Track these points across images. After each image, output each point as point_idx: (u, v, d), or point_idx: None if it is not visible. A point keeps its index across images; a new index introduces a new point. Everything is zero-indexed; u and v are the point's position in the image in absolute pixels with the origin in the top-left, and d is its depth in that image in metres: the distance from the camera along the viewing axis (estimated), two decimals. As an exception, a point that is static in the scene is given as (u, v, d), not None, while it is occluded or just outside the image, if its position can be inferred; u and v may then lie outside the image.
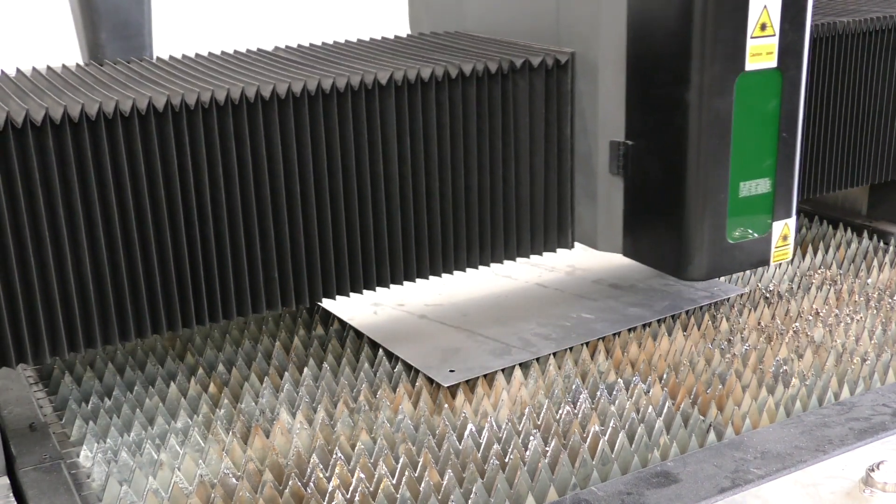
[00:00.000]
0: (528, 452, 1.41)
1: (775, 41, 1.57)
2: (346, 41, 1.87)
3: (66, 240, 1.40)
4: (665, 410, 1.53)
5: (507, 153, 1.70)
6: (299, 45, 1.85)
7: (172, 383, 1.63)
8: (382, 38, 1.89)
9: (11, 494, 1.35)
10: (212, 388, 1.64)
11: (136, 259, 1.46)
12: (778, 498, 1.26)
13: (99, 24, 3.95)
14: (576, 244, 1.84)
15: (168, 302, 1.50)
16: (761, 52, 1.56)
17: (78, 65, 1.72)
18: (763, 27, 1.55)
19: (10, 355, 1.40)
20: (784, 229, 1.70)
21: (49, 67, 1.66)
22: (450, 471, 1.35)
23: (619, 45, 1.64)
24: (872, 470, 1.26)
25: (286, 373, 1.67)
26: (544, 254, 1.81)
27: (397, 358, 1.72)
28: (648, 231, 1.70)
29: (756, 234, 1.67)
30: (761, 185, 1.65)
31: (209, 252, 1.52)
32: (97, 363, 1.72)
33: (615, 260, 2.16)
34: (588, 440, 1.44)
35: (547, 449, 1.42)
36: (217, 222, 1.51)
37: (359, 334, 1.82)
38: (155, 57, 1.78)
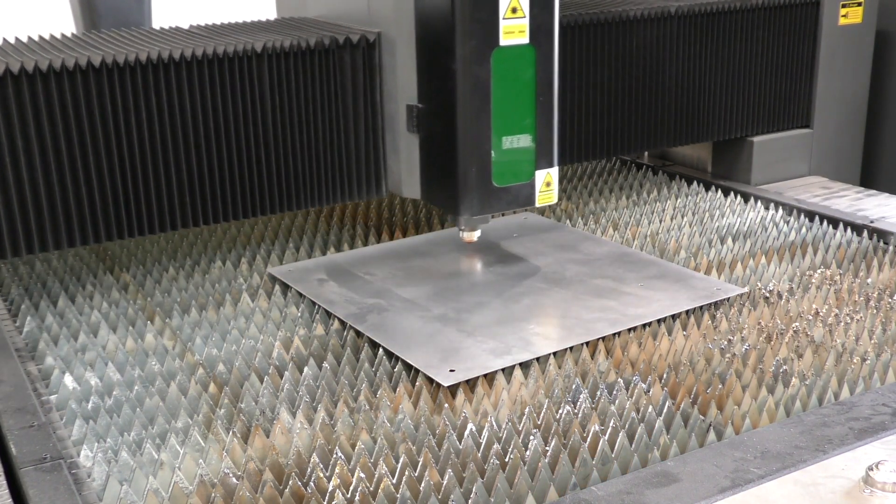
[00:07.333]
0: (528, 452, 1.41)
1: (526, 22, 1.88)
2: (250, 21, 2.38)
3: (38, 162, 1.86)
4: (665, 410, 1.53)
5: (335, 114, 2.10)
6: (206, 24, 2.32)
7: (172, 383, 1.63)
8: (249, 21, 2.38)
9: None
10: (212, 387, 1.64)
11: (65, 177, 1.89)
12: (778, 498, 1.26)
13: (99, 24, 3.95)
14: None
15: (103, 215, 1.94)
16: (514, 31, 1.88)
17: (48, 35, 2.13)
18: (514, 10, 1.86)
19: None
20: (547, 177, 2.01)
21: (29, 37, 2.10)
22: (450, 470, 1.35)
23: (410, 25, 1.99)
24: (872, 470, 1.26)
25: (286, 373, 1.67)
26: (365, 198, 2.20)
27: (397, 358, 1.72)
28: (436, 178, 2.04)
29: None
30: (523, 140, 1.96)
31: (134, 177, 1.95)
32: (97, 363, 1.72)
33: (615, 260, 2.16)
34: (588, 440, 1.44)
35: (547, 449, 1.42)
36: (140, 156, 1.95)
37: (359, 334, 1.82)
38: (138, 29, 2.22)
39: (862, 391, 1.61)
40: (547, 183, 2.00)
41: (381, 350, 1.75)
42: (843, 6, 2.77)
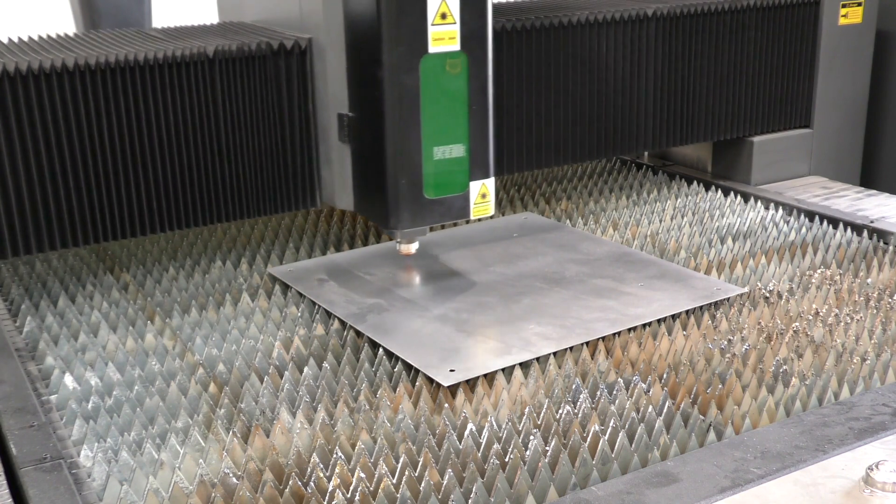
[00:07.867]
0: (528, 452, 1.41)
1: (457, 28, 1.83)
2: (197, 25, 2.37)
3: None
4: (665, 410, 1.53)
5: (270, 122, 2.05)
6: (162, 28, 2.35)
7: (172, 383, 1.63)
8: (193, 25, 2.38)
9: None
10: (212, 387, 1.64)
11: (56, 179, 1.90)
12: (778, 498, 1.26)
13: (99, 24, 3.96)
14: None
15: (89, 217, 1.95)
16: (444, 37, 1.82)
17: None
18: (443, 16, 1.81)
19: None
20: (482, 188, 1.96)
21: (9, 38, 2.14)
22: (450, 470, 1.35)
23: (340, 31, 1.95)
24: (872, 470, 1.26)
25: (286, 373, 1.67)
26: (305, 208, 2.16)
27: (397, 358, 1.72)
28: (367, 190, 1.99)
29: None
30: (455, 150, 1.90)
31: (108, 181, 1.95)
32: (97, 363, 1.72)
33: (615, 260, 2.16)
34: (588, 440, 1.44)
35: (547, 449, 1.43)
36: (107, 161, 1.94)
37: (359, 334, 1.82)
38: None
39: (862, 391, 1.61)
40: (482, 194, 1.94)
41: (381, 350, 1.75)
42: (843, 6, 2.78)
